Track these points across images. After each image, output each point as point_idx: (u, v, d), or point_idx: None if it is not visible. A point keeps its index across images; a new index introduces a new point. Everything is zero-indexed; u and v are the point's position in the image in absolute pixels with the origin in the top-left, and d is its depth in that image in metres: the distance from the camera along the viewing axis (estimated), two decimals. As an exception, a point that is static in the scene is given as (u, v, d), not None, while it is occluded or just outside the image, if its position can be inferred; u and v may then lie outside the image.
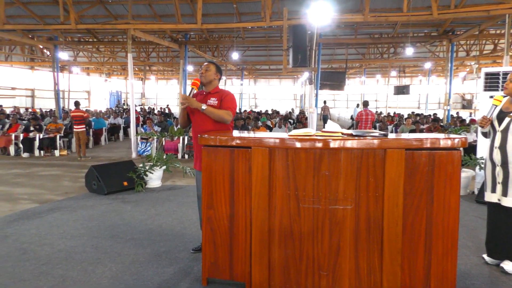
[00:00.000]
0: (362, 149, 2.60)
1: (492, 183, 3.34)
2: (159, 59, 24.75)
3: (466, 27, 13.78)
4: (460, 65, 26.67)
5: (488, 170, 3.38)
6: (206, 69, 3.49)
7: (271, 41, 17.76)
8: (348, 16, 10.58)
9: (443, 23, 13.39)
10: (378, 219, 2.63)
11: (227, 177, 2.79)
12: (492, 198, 3.34)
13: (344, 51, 22.14)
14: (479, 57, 20.00)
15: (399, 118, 17.18)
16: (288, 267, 2.74)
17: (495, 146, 3.29)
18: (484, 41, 20.30)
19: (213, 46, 21.19)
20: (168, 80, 40.69)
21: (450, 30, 14.45)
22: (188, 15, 12.49)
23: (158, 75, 36.49)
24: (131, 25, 10.80)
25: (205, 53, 20.54)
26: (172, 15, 12.46)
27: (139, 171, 6.36)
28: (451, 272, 2.62)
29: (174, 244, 3.93)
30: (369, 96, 34.03)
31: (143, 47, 22.79)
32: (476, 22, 12.71)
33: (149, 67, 29.06)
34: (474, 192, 5.96)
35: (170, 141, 10.10)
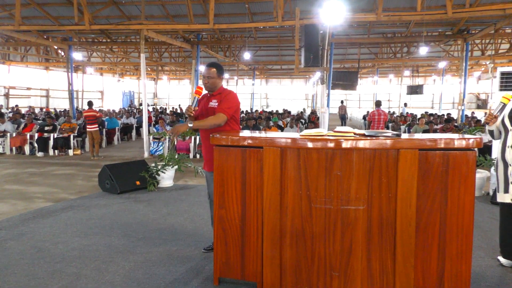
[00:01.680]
0: (374, 149, 2.58)
1: (504, 183, 3.29)
2: (171, 59, 24.91)
3: (481, 26, 13.57)
4: (475, 65, 26.29)
5: (500, 170, 3.34)
6: (208, 77, 3.43)
7: (283, 41, 17.74)
8: (361, 16, 10.51)
9: (458, 22, 13.21)
10: (390, 220, 2.60)
11: (239, 177, 2.79)
12: (505, 199, 3.29)
13: (356, 50, 22.00)
14: (495, 57, 19.69)
15: (412, 118, 17.00)
16: (300, 267, 2.73)
17: (508, 145, 3.25)
18: (500, 40, 19.96)
19: (225, 46, 21.24)
20: (180, 80, 40.93)
21: (465, 29, 14.25)
22: (201, 15, 12.55)
23: (170, 75, 36.72)
24: (144, 26, 10.89)
25: (217, 53, 20.59)
26: (184, 15, 12.54)
27: (151, 171, 6.41)
28: (465, 274, 2.58)
29: (186, 243, 3.95)
30: (382, 96, 33.76)
31: (156, 48, 22.95)
32: (491, 21, 12.51)
33: (162, 67, 29.27)
34: (489, 193, 5.87)
35: (182, 141, 10.15)
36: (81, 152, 10.87)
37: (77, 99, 22.84)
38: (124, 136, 14.30)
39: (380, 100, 10.65)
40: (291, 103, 36.08)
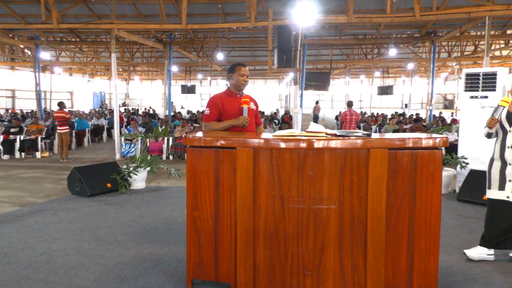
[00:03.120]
0: (346, 149, 2.62)
1: (500, 181, 3.43)
2: (143, 59, 24.53)
3: (447, 28, 14.01)
4: (442, 66, 27.13)
5: (496, 168, 3.48)
6: (248, 76, 3.50)
7: (256, 42, 17.78)
8: (332, 17, 10.66)
9: (426, 24, 13.59)
10: (362, 218, 2.65)
11: (212, 178, 2.78)
12: (500, 196, 3.43)
13: (328, 51, 22.28)
14: (460, 58, 20.37)
15: (382, 118, 17.38)
16: (273, 267, 2.74)
17: (508, 145, 3.40)
18: (465, 43, 20.65)
19: (198, 47, 21.10)
20: (152, 81, 40.38)
21: (432, 31, 14.68)
22: (173, 15, 12.41)
23: (143, 76, 36.19)
24: (115, 25, 10.68)
25: (190, 54, 20.43)
26: (156, 15, 12.36)
27: (123, 173, 6.29)
28: (433, 269, 2.65)
29: (159, 246, 3.90)
30: (353, 97, 34.34)
31: (127, 47, 22.54)
32: (457, 24, 12.93)
33: (133, 67, 28.80)
34: (456, 190, 6.07)
35: (155, 142, 10.02)
36: (50, 154, 10.56)
37: (45, 100, 22.17)
38: (94, 137, 14.00)
39: (351, 100, 10.84)
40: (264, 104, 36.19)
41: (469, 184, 5.65)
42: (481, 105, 5.82)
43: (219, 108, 3.41)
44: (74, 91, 33.45)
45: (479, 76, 5.82)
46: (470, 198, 5.50)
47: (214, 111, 3.41)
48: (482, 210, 5.11)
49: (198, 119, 15.17)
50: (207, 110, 3.46)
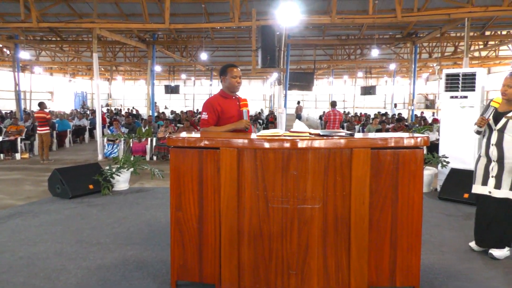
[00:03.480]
0: (329, 148, 2.64)
1: (484, 176, 3.58)
2: (126, 59, 24.23)
3: (428, 29, 14.25)
4: (423, 67, 27.57)
5: (482, 164, 3.63)
6: (241, 77, 3.48)
7: (240, 42, 17.75)
8: (316, 18, 10.73)
9: (407, 25, 13.79)
10: (345, 217, 2.67)
11: (196, 179, 2.76)
12: (483, 191, 3.58)
13: (312, 52, 22.40)
14: (441, 59, 20.75)
15: (366, 118, 17.58)
16: (258, 267, 2.75)
17: (492, 143, 3.53)
18: (446, 44, 21.02)
19: (181, 46, 20.97)
20: (135, 81, 39.95)
21: (413, 32, 14.90)
22: (156, 15, 12.31)
23: (125, 76, 35.76)
24: (97, 24, 10.53)
25: (174, 53, 20.30)
26: (139, 14, 12.23)
27: (106, 174, 6.21)
28: (415, 267, 2.69)
29: (142, 248, 3.86)
30: (337, 97, 34.63)
31: (109, 47, 22.25)
32: (437, 25, 13.17)
33: (116, 67, 28.43)
34: (437, 189, 6.17)
35: (138, 143, 9.93)
36: (30, 156, 10.36)
37: (25, 100, 21.73)
38: (76, 138, 13.78)
39: (335, 100, 10.92)
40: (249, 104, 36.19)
41: (450, 183, 5.75)
42: (461, 105, 5.93)
43: (217, 112, 3.33)
44: (55, 91, 32.87)
45: (458, 76, 5.93)
46: (451, 197, 5.59)
47: (212, 115, 3.33)
48: (463, 208, 5.23)
49: (182, 120, 15.08)
50: (204, 114, 3.36)
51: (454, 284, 3.05)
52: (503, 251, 3.55)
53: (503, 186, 3.47)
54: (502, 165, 3.48)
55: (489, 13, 10.02)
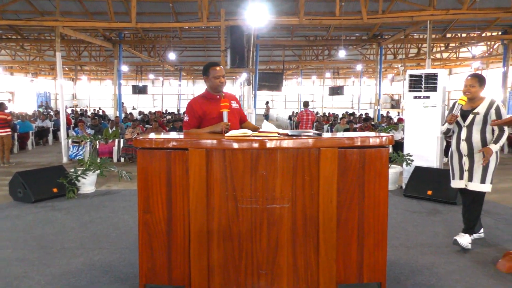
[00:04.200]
0: (297, 148, 2.66)
1: (460, 171, 3.82)
2: (91, 58, 23.62)
3: (393, 31, 14.64)
4: (388, 67, 28.30)
5: (455, 160, 3.87)
6: (223, 76, 3.34)
7: (209, 42, 17.66)
8: (284, 19, 10.81)
9: (373, 27, 14.12)
10: (314, 216, 2.70)
11: (164, 180, 2.72)
12: (460, 185, 3.83)
13: (281, 52, 22.57)
14: (405, 60, 21.37)
15: (334, 118, 17.88)
16: (228, 268, 2.74)
17: (462, 139, 3.77)
18: (409, 45, 21.67)
19: (149, 46, 20.64)
20: (101, 81, 39.03)
21: (379, 34, 15.27)
22: (122, 13, 12.05)
23: (91, 75, 34.87)
24: (60, 22, 10.21)
25: (141, 53, 19.96)
26: (104, 12, 11.94)
27: (71, 176, 6.03)
28: (381, 263, 2.76)
29: (110, 251, 3.78)
30: (306, 97, 35.00)
31: (74, 46, 21.61)
32: (401, 27, 13.55)
33: (81, 67, 27.70)
34: (402, 186, 6.35)
35: (105, 144, 9.69)
36: (-11, 158, 9.90)
37: (-16, 101, 20.74)
38: (39, 140, 13.31)
39: (307, 101, 11.05)
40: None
41: (414, 180, 5.93)
42: (424, 105, 6.13)
43: (198, 114, 3.27)
44: (15, 92, 31.60)
45: (421, 77, 6.12)
46: (415, 194, 5.77)
47: (193, 118, 3.29)
48: (427, 204, 5.41)
49: (150, 120, 14.85)
50: (185, 116, 3.33)
51: (418, 278, 3.15)
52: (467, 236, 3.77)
53: (474, 179, 3.71)
54: (472, 159, 3.72)
55: (449, 16, 10.41)
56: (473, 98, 3.75)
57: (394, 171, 6.43)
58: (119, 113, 15.47)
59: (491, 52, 21.54)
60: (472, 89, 3.71)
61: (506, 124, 3.48)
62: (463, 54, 24.17)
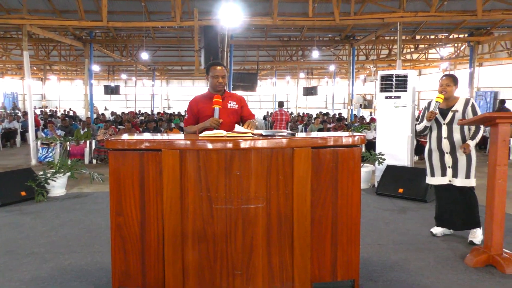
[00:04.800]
0: (271, 148, 2.68)
1: (441, 168, 3.96)
2: (61, 58, 22.99)
3: (365, 33, 14.91)
4: (361, 68, 28.80)
5: (436, 158, 3.98)
6: (223, 76, 3.37)
7: (183, 42, 17.50)
8: (258, 19, 10.84)
9: (345, 28, 14.34)
10: (288, 215, 2.72)
11: (137, 182, 2.68)
12: (443, 181, 3.97)
13: (255, 53, 22.61)
14: (377, 61, 21.82)
15: (308, 118, 18.05)
16: (203, 269, 2.72)
17: (444, 137, 3.91)
18: (381, 46, 22.13)
19: (121, 45, 20.27)
20: (72, 81, 38.05)
21: (351, 35, 15.52)
22: (93, 12, 11.79)
23: (61, 75, 33.92)
24: (27, 20, 9.89)
25: (113, 53, 19.59)
26: (74, 11, 11.65)
27: (40, 179, 5.85)
28: (354, 260, 2.81)
29: (81, 255, 3.69)
30: (280, 97, 35.18)
31: (42, 45, 20.97)
32: (373, 29, 13.82)
33: (50, 66, 26.92)
34: (374, 185, 6.47)
35: (76, 146, 9.47)
36: (-48, 162, 9.51)
37: None
38: (6, 142, 12.87)
39: (282, 101, 11.12)
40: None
41: (386, 179, 6.06)
42: (395, 105, 6.27)
43: (194, 112, 3.42)
44: (-19, 92, 30.44)
45: (392, 78, 6.26)
46: (387, 192, 5.89)
47: (190, 115, 3.45)
48: (398, 202, 5.53)
49: (123, 121, 14.59)
50: (186, 114, 3.50)
51: (391, 275, 3.22)
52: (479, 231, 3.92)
53: (459, 175, 3.85)
54: (455, 156, 3.86)
55: (418, 18, 10.69)
56: (449, 97, 3.91)
57: (366, 170, 6.55)
58: (91, 114, 15.13)
59: (458, 53, 22.24)
60: (448, 88, 3.87)
61: (471, 123, 3.60)
62: (432, 56, 24.87)
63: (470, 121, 3.55)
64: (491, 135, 3.40)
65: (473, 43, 15.39)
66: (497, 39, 16.42)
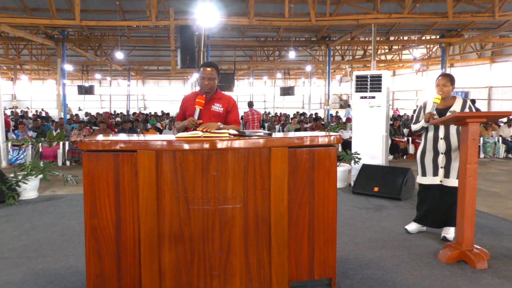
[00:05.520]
0: (248, 148, 2.68)
1: (433, 168, 3.98)
2: (32, 57, 22.40)
3: (340, 33, 15.12)
4: (337, 68, 29.19)
5: (429, 158, 4.01)
6: (210, 78, 3.29)
7: (159, 41, 17.34)
8: (234, 19, 10.84)
9: (321, 29, 14.51)
10: (265, 215, 2.73)
11: (112, 183, 2.64)
12: (433, 181, 3.99)
13: (232, 53, 22.60)
14: (352, 61, 22.15)
15: (285, 118, 18.14)
16: (180, 271, 2.70)
17: (440, 137, 3.92)
18: (356, 47, 22.47)
19: (95, 45, 19.89)
20: (44, 81, 37.12)
21: (327, 36, 15.72)
22: (65, 10, 11.53)
23: (32, 75, 33.08)
24: (-4, 18, 9.60)
25: (87, 52, 19.20)
26: (45, 9, 11.38)
27: (10, 182, 5.68)
28: (331, 259, 2.84)
29: (55, 259, 3.60)
30: (258, 97, 35.30)
31: (12, 43, 20.38)
32: (348, 30, 14.03)
33: (21, 65, 26.19)
34: (351, 184, 6.56)
35: (48, 147, 9.23)
36: None
37: None
38: (-26, 144, 12.42)
39: (252, 101, 11.13)
40: (169, 105, 35.44)
41: (362, 178, 6.15)
42: (370, 105, 6.37)
43: (183, 109, 3.48)
44: None
45: (367, 78, 6.36)
46: (363, 191, 5.99)
47: (180, 111, 3.53)
48: (374, 201, 5.63)
49: (97, 122, 14.32)
50: None
51: (367, 272, 3.28)
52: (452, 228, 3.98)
53: (451, 175, 3.89)
54: (449, 156, 3.89)
55: (392, 19, 10.92)
56: (446, 97, 3.92)
57: (343, 169, 6.64)
58: (64, 115, 14.80)
59: (430, 54, 22.80)
60: (445, 88, 3.88)
61: (444, 122, 3.69)
62: (405, 56, 25.43)
63: (443, 120, 3.62)
64: (461, 134, 3.49)
65: (445, 45, 15.83)
66: (467, 40, 16.94)
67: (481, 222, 4.53)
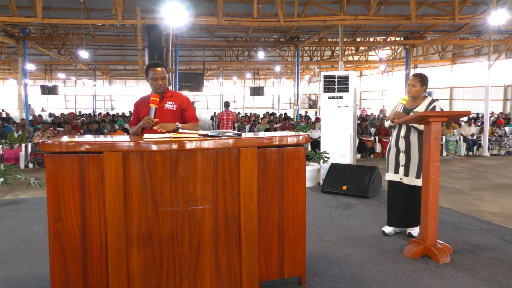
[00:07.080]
0: (217, 149, 2.67)
1: (395, 165, 4.04)
2: (-9, 55, 21.48)
3: (308, 34, 15.31)
4: (305, 69, 29.53)
5: (392, 155, 4.08)
6: (163, 78, 3.27)
7: (126, 40, 17.00)
8: (203, 19, 10.77)
9: (289, 30, 14.63)
10: (235, 215, 2.73)
11: (77, 186, 2.56)
12: (395, 178, 4.05)
13: (201, 52, 22.44)
14: (320, 62, 22.45)
15: (255, 118, 18.20)
16: (149, 273, 2.66)
17: (401, 136, 3.98)
18: (324, 48, 22.80)
19: (58, 43, 19.28)
20: (4, 80, 35.63)
21: (295, 36, 15.87)
22: (26, 7, 11.12)
23: (-9, 74, 31.68)
24: (-49, 15, 9.14)
25: (50, 51, 18.58)
26: (5, 6, 10.92)
27: (-32, 186, 5.43)
28: (301, 257, 2.87)
29: (17, 266, 3.46)
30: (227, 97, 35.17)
31: (-31, 41, 19.47)
32: (316, 31, 14.23)
33: (-21, 64, 25.03)
34: (320, 183, 6.65)
35: (10, 150, 8.88)
36: None
37: None
38: None
39: (228, 101, 11.11)
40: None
41: (330, 177, 6.24)
42: (337, 105, 6.48)
43: (136, 113, 3.42)
44: None
45: (334, 78, 6.47)
46: (332, 189, 6.08)
47: (133, 115, 3.47)
48: (342, 199, 5.73)
49: (62, 123, 13.89)
50: None
51: (335, 270, 3.33)
52: (417, 229, 4.05)
53: (410, 174, 3.95)
54: (409, 155, 3.95)
55: (358, 21, 11.16)
56: (415, 97, 3.97)
57: (312, 168, 6.72)
58: (26, 116, 14.26)
59: (395, 56, 23.44)
60: (413, 89, 3.92)
61: (407, 122, 3.80)
62: (371, 57, 26.03)
63: (406, 120, 3.73)
64: (424, 133, 3.61)
65: (408, 46, 16.31)
66: (430, 42, 17.53)
67: (444, 218, 4.70)
